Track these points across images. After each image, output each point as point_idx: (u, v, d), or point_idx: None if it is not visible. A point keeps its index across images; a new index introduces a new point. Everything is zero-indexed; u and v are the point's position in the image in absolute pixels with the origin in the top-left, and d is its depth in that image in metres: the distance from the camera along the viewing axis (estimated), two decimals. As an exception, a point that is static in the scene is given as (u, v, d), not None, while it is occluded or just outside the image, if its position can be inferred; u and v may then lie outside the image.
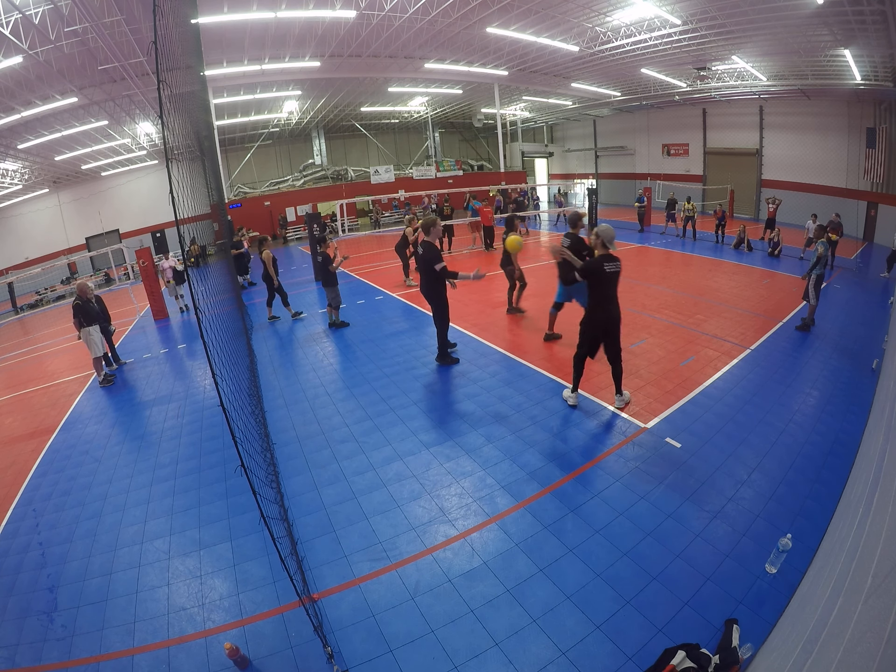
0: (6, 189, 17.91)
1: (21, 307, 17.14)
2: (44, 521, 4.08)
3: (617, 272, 4.71)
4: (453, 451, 4.38)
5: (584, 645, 2.58)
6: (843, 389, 5.32)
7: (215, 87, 14.96)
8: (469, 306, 8.77)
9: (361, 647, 2.65)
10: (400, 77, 17.96)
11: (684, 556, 3.11)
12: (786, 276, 10.56)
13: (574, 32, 14.07)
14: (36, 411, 6.64)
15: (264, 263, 8.62)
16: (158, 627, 2.89)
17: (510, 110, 28.11)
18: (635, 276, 10.54)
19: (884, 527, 1.78)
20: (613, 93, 22.09)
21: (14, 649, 2.87)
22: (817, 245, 7.07)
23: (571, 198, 29.03)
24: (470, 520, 3.54)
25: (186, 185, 3.40)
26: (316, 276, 11.60)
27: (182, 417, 5.66)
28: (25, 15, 8.30)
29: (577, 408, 5.01)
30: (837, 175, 17.60)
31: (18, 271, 18.92)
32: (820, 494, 3.62)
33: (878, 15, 9.69)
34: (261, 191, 24.21)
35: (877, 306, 8.59)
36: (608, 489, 3.78)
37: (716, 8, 11.37)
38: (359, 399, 5.52)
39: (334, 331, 8.03)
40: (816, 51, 13.03)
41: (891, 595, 1.30)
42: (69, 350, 9.42)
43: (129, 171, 22.01)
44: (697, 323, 7.36)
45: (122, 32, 9.96)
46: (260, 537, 3.50)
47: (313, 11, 11.28)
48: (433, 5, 11.81)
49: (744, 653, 2.41)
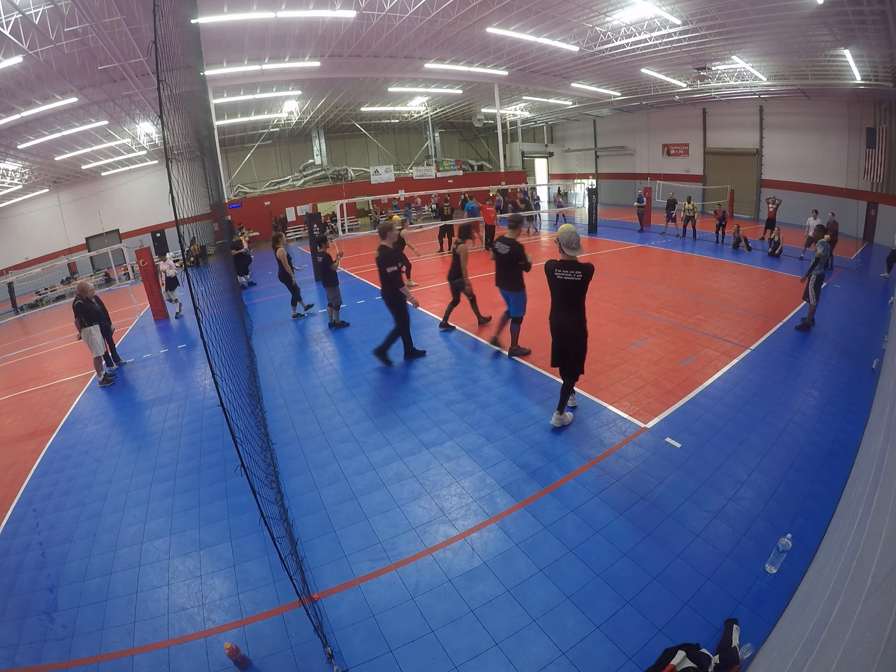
0: (6, 189, 17.91)
1: (21, 307, 17.14)
2: (44, 521, 4.08)
3: (573, 281, 4.13)
4: (453, 451, 4.38)
5: (584, 645, 2.58)
6: (843, 389, 5.32)
7: (215, 87, 14.96)
8: (468, 306, 8.76)
9: (361, 647, 2.65)
10: (400, 77, 17.97)
11: (684, 556, 3.11)
12: (786, 276, 10.56)
13: (574, 32, 14.07)
14: (36, 411, 6.64)
15: (280, 262, 8.57)
16: (158, 627, 2.89)
17: (510, 110, 28.11)
18: (635, 276, 10.55)
19: (884, 527, 1.78)
20: (613, 93, 22.10)
21: (14, 649, 2.87)
22: (817, 246, 7.07)
23: (571, 198, 29.04)
24: (470, 520, 3.54)
25: (186, 185, 3.40)
26: (316, 277, 11.61)
27: (182, 417, 5.66)
28: (25, 15, 8.30)
29: (577, 408, 5.01)
30: (837, 175, 17.60)
31: (18, 271, 18.93)
32: (820, 494, 3.62)
33: (878, 15, 9.68)
34: (261, 191, 24.21)
35: (877, 306, 8.59)
36: (608, 489, 3.78)
37: (716, 8, 11.37)
38: (359, 399, 5.52)
39: (334, 331, 8.03)
40: (816, 51, 13.04)
41: (891, 595, 1.30)
42: (69, 350, 9.42)
43: (129, 171, 22.01)
44: (697, 323, 7.36)
45: (122, 32, 9.96)
46: (260, 537, 3.50)
47: (313, 11, 11.28)
48: (433, 5, 11.81)
49: (744, 653, 2.41)
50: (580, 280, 4.13)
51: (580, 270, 4.13)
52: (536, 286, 9.96)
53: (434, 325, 7.87)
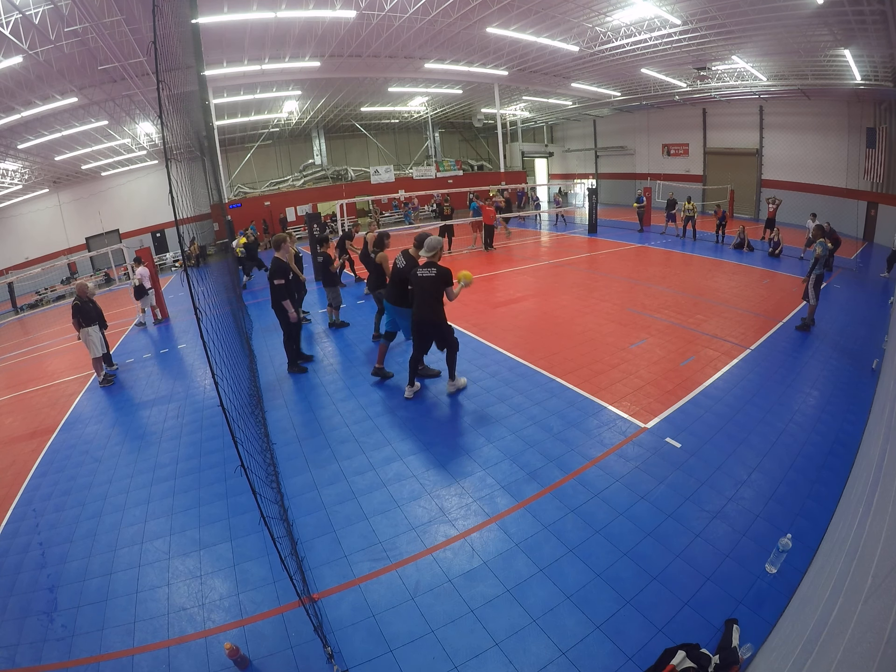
0: (6, 189, 17.92)
1: (21, 307, 17.15)
2: (44, 521, 4.08)
3: (430, 277, 4.98)
4: (453, 452, 4.38)
5: (584, 645, 2.58)
6: (843, 389, 5.32)
7: (215, 87, 14.96)
8: (469, 306, 8.77)
9: (361, 647, 2.64)
10: (400, 77, 17.97)
11: (684, 556, 3.11)
12: (786, 276, 10.56)
13: (574, 32, 14.07)
14: (36, 411, 6.64)
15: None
16: (158, 627, 2.89)
17: (510, 110, 28.12)
18: (635, 276, 10.55)
19: (884, 527, 1.78)
20: (613, 93, 22.10)
21: (14, 649, 2.87)
22: (816, 246, 7.08)
23: (571, 198, 29.05)
24: (470, 520, 3.54)
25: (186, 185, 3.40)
26: (316, 277, 11.60)
27: (182, 417, 5.66)
28: (25, 15, 8.30)
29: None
30: (837, 175, 17.59)
31: (18, 271, 18.95)
32: (820, 494, 3.62)
33: (878, 15, 9.69)
34: (261, 191, 24.22)
35: (877, 306, 8.59)
36: (608, 489, 3.78)
37: (716, 8, 11.37)
38: (359, 399, 5.52)
39: (334, 331, 8.03)
40: (816, 51, 13.04)
41: (891, 595, 1.30)
42: (69, 350, 9.42)
43: (129, 171, 22.01)
44: (697, 323, 7.36)
45: (122, 32, 9.96)
46: (260, 537, 3.50)
47: (313, 11, 11.29)
48: (433, 5, 11.81)
49: (744, 653, 2.41)
50: (435, 276, 4.97)
51: (436, 269, 5.00)
52: (537, 287, 9.96)
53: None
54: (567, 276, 10.70)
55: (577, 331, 7.24)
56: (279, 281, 5.87)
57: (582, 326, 7.41)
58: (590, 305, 8.48)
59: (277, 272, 5.89)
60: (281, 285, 5.88)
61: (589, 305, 8.48)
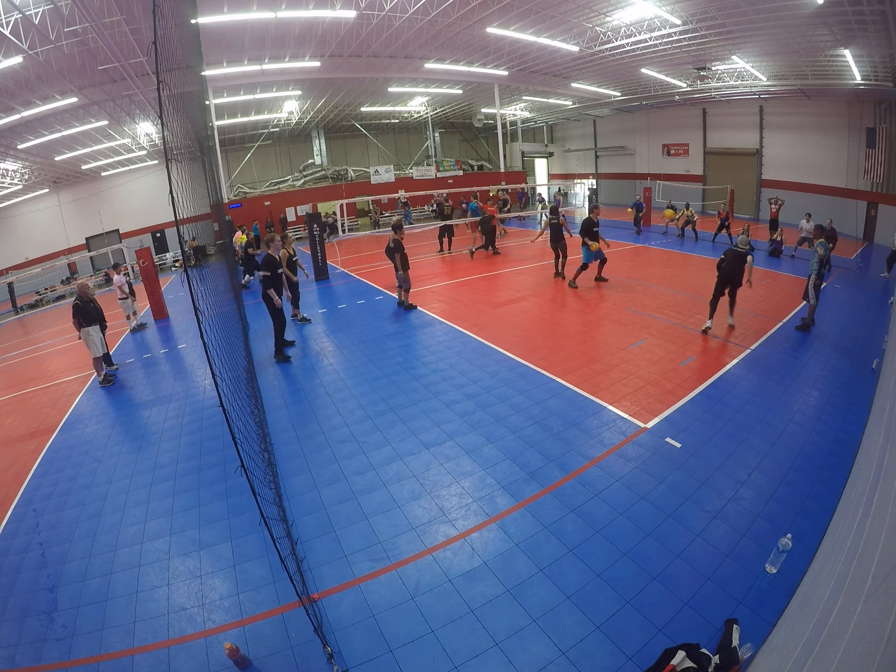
0: (6, 189, 17.91)
1: (21, 307, 17.14)
2: (44, 521, 4.08)
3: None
4: (453, 451, 4.38)
5: (584, 645, 2.58)
6: (843, 389, 5.31)
7: (215, 87, 14.97)
8: (469, 306, 8.77)
9: (361, 647, 2.65)
10: (400, 77, 17.97)
11: (684, 556, 3.11)
12: (786, 275, 10.56)
13: (574, 32, 14.07)
14: (36, 411, 6.64)
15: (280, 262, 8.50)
16: (158, 627, 2.89)
17: (510, 110, 28.11)
18: (635, 276, 10.54)
19: (884, 527, 1.78)
20: (613, 93, 22.09)
21: (14, 649, 2.87)
22: (817, 246, 7.07)
23: (571, 198, 29.04)
24: (470, 520, 3.54)
25: (186, 185, 3.40)
26: (316, 276, 11.60)
27: (182, 417, 5.66)
28: (25, 15, 8.30)
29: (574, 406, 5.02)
30: (837, 175, 17.59)
31: (18, 271, 18.93)
32: (820, 494, 3.62)
33: (878, 15, 9.68)
34: (261, 191, 24.20)
35: (877, 306, 8.59)
36: (608, 489, 3.78)
37: (716, 8, 11.37)
38: (359, 399, 5.52)
39: (335, 331, 8.03)
40: (816, 51, 13.03)
41: (891, 595, 1.30)
42: (69, 350, 9.42)
43: (129, 171, 22.00)
44: (697, 323, 7.36)
45: (122, 32, 9.96)
46: (260, 537, 3.50)
47: (313, 11, 11.28)
48: (433, 5, 11.81)
49: (744, 653, 2.41)
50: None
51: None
52: (537, 288, 9.95)
53: (433, 325, 7.87)
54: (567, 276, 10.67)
55: (577, 331, 7.25)
56: (264, 273, 6.69)
57: (582, 326, 7.41)
58: (589, 305, 8.48)
59: (263, 265, 6.77)
60: (267, 277, 6.65)
61: (588, 305, 8.49)
